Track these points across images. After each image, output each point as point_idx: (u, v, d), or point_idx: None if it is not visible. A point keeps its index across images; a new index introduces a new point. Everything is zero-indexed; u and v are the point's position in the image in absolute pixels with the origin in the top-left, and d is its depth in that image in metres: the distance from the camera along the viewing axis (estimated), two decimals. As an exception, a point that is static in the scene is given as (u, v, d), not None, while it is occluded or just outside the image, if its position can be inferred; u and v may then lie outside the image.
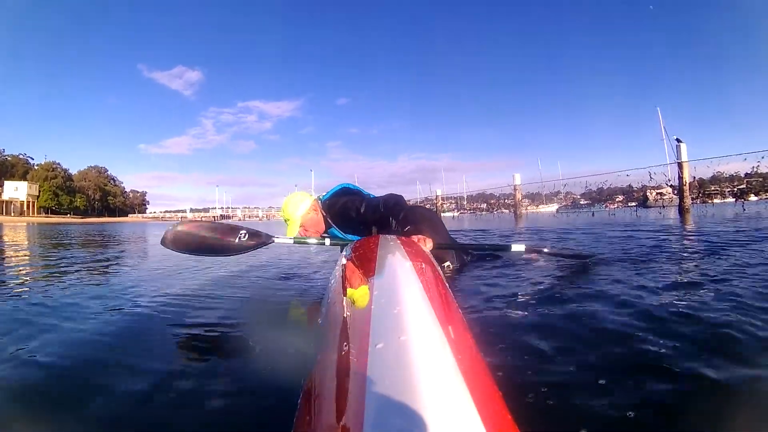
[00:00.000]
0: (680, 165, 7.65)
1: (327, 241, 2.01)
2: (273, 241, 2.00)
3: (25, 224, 23.86)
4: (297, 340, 1.10)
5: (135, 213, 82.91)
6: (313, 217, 2.03)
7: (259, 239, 1.99)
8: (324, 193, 2.14)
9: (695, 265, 1.93)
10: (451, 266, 2.14)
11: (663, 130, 21.52)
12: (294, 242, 2.02)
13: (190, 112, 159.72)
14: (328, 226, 2.06)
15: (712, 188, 14.23)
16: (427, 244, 1.61)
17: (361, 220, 1.94)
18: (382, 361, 0.46)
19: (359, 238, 1.79)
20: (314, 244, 2.06)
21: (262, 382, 0.96)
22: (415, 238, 1.62)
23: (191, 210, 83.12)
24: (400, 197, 1.96)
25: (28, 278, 2.52)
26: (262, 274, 2.85)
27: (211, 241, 1.90)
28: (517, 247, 2.02)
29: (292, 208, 2.00)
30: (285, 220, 2.03)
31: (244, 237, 1.95)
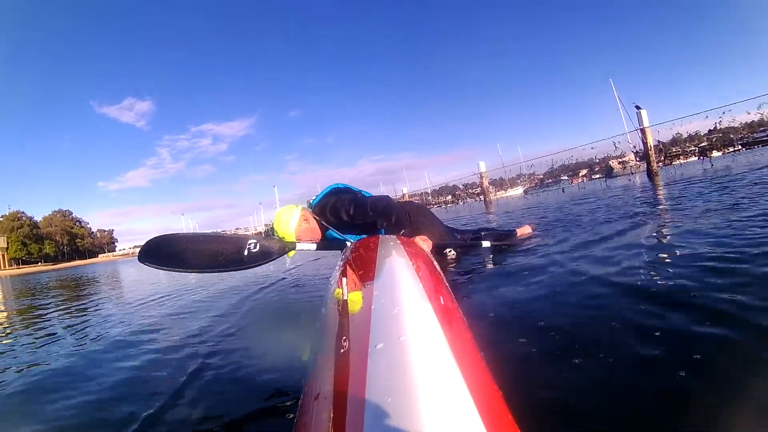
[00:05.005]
0: (643, 131, 7.91)
1: (348, 244, 1.79)
2: (295, 247, 1.85)
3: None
4: (297, 340, 1.09)
5: (105, 252, 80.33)
6: (306, 227, 1.96)
7: (273, 249, 1.77)
8: (313, 198, 2.09)
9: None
10: (453, 253, 2.25)
11: (618, 100, 22.21)
12: (316, 249, 1.92)
13: (145, 143, 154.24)
14: (324, 230, 2.00)
15: (674, 150, 14.82)
16: (426, 244, 1.61)
17: (351, 222, 1.92)
18: (382, 361, 0.46)
19: (358, 237, 1.76)
20: (335, 249, 1.95)
21: (263, 382, 0.97)
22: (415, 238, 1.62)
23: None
24: (389, 199, 1.94)
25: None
26: (262, 275, 2.81)
27: (207, 255, 1.71)
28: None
29: (283, 226, 1.93)
30: (282, 239, 1.95)
31: (255, 248, 1.75)
